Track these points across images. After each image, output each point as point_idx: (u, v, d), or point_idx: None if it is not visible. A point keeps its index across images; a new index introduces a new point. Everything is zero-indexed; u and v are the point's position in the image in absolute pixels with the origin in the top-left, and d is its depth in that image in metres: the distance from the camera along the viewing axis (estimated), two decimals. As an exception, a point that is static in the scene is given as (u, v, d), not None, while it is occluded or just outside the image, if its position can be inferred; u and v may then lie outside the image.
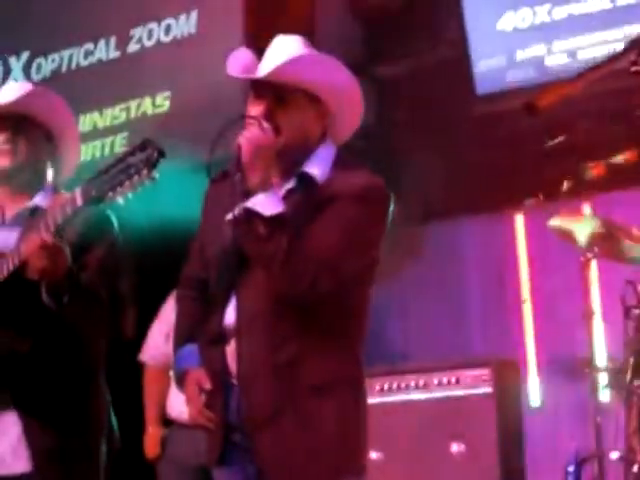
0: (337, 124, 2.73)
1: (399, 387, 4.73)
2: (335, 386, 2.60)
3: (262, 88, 2.62)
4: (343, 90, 2.67)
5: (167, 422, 4.63)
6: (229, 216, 2.57)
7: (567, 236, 4.20)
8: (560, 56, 5.08)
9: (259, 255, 2.54)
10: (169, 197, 4.41)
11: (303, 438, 2.55)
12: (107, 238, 3.02)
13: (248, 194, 2.52)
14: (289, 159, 2.62)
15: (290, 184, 2.64)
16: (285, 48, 2.65)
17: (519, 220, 5.29)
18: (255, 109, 2.61)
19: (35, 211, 3.03)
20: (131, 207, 2.66)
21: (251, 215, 2.51)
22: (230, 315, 2.63)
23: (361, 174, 2.65)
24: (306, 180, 2.64)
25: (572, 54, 5.02)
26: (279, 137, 2.58)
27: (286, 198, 2.60)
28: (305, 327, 2.58)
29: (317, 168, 2.65)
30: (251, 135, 2.54)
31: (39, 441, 2.87)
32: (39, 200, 3.06)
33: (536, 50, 5.12)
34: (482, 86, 5.11)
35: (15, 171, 3.05)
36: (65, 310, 2.80)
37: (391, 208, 2.66)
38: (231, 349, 2.63)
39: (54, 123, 3.13)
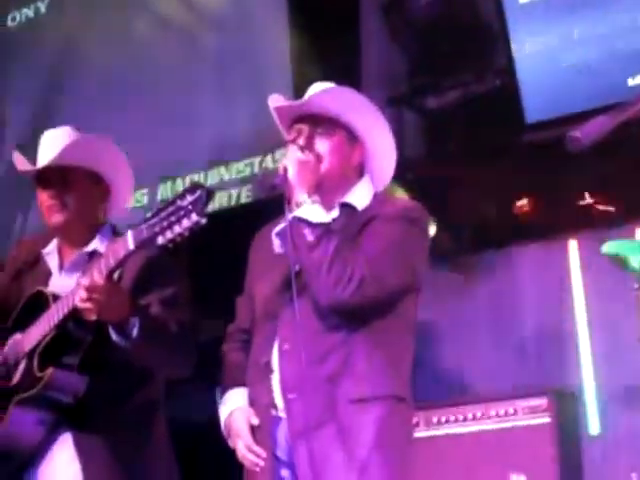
0: (376, 161, 2.86)
1: (456, 419, 4.70)
2: (378, 401, 2.62)
3: (301, 120, 2.78)
4: (376, 127, 2.82)
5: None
6: (278, 228, 2.68)
7: (621, 262, 4.17)
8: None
9: (308, 262, 2.61)
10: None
11: (343, 451, 2.56)
12: (167, 277, 3.05)
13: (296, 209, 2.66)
14: (330, 189, 2.75)
15: (333, 214, 2.75)
16: (325, 86, 2.84)
17: (572, 246, 5.26)
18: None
19: (93, 255, 3.06)
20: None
21: (299, 223, 2.62)
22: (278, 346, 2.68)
23: (400, 199, 2.84)
24: (348, 209, 2.78)
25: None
26: (320, 164, 2.72)
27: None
28: (349, 340, 2.63)
29: (358, 199, 2.80)
30: (295, 157, 2.69)
31: None
32: (96, 244, 3.09)
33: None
34: (531, 114, 5.09)
35: (68, 224, 3.09)
36: (135, 346, 2.82)
37: (430, 230, 2.77)
38: (277, 380, 2.67)
39: (102, 165, 3.12)
